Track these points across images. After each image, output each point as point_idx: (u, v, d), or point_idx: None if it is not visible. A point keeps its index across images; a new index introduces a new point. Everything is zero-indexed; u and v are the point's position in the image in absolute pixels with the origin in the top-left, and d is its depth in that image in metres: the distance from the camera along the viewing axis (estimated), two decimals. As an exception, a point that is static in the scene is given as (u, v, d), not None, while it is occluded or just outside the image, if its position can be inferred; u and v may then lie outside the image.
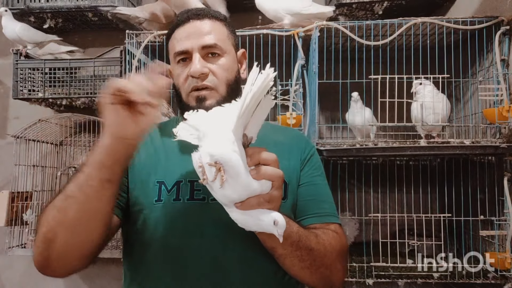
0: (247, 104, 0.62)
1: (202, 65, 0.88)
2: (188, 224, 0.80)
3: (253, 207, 0.64)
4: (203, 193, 0.82)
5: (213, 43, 0.89)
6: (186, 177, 0.83)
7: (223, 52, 0.91)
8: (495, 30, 1.42)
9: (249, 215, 0.65)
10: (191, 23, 0.91)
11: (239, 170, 0.62)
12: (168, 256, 0.80)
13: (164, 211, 0.81)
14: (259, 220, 0.65)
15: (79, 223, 0.68)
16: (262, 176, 0.64)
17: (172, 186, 0.82)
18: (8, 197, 1.75)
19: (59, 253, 0.69)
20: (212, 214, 0.79)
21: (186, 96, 0.91)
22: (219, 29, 0.92)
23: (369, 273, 1.44)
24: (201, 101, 0.88)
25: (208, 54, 0.90)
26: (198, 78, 0.88)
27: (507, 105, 1.34)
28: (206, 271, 0.78)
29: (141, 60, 1.68)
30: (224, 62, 0.90)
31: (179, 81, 0.91)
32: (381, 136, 1.58)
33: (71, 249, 0.70)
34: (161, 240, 0.80)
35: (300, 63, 1.53)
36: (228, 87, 0.90)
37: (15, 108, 2.11)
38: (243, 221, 0.66)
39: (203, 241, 0.79)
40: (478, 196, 1.53)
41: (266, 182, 0.64)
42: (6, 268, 2.06)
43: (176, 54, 0.91)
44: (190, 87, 0.89)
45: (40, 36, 1.82)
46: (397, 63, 1.49)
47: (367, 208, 1.66)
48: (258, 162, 0.64)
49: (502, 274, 1.38)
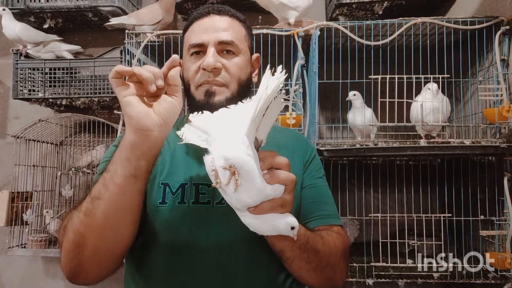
0: (260, 107, 0.61)
1: (216, 59, 0.86)
2: (193, 228, 0.79)
3: (266, 212, 0.63)
4: (208, 196, 0.81)
5: (230, 40, 0.87)
6: (191, 180, 0.82)
7: (238, 51, 0.89)
8: (495, 30, 1.42)
9: (262, 220, 0.64)
10: (210, 17, 0.89)
11: (254, 174, 0.61)
12: (171, 260, 0.79)
13: (168, 213, 0.80)
14: (274, 224, 0.64)
15: (108, 223, 0.66)
16: (276, 180, 0.63)
17: (177, 189, 0.81)
18: (8, 197, 1.75)
19: (90, 257, 0.68)
20: (218, 217, 0.79)
21: (194, 89, 0.89)
22: (237, 28, 0.91)
23: (369, 273, 1.44)
24: (210, 95, 0.86)
25: (223, 50, 0.88)
26: (210, 72, 0.86)
27: (507, 105, 1.34)
28: (210, 274, 0.77)
29: (141, 60, 1.68)
30: (238, 61, 0.89)
31: (189, 73, 0.89)
32: (381, 136, 1.59)
33: (103, 251, 0.68)
34: (165, 243, 0.79)
35: (300, 63, 1.53)
36: (240, 86, 0.89)
37: (15, 108, 2.11)
38: (256, 225, 0.65)
39: (208, 245, 0.78)
40: (478, 196, 1.53)
41: (279, 186, 0.63)
42: (6, 268, 2.06)
43: (191, 46, 0.89)
44: (200, 80, 0.87)
45: (40, 36, 1.82)
46: (397, 63, 1.49)
47: (367, 208, 1.66)
48: (271, 166, 0.64)
49: (502, 274, 1.38)
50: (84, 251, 0.67)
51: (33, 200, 1.86)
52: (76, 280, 0.71)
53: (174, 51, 1.60)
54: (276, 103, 0.66)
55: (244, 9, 1.82)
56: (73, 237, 0.67)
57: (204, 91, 0.87)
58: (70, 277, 0.70)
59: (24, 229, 1.82)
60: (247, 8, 1.80)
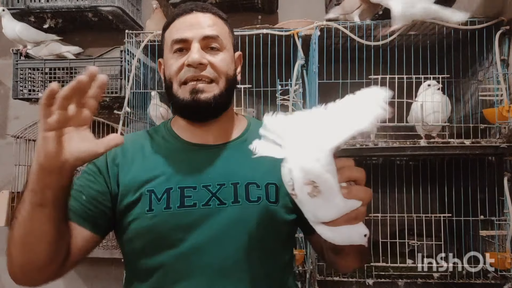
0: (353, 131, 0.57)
1: (201, 55, 0.83)
2: (179, 232, 0.78)
3: (341, 224, 0.62)
4: (194, 199, 0.80)
5: (215, 34, 0.85)
6: (176, 183, 0.81)
7: (223, 47, 0.86)
8: (495, 30, 1.42)
9: (337, 232, 0.63)
10: (193, 14, 0.87)
11: (333, 192, 0.59)
12: (161, 265, 0.79)
13: (155, 220, 0.79)
14: (349, 235, 0.63)
15: (23, 241, 0.69)
16: (354, 197, 0.60)
17: (162, 194, 0.80)
18: (8, 197, 1.75)
19: (18, 267, 0.71)
20: (205, 219, 0.79)
21: (178, 87, 0.84)
22: (221, 25, 0.89)
23: (369, 273, 1.44)
24: (196, 93, 0.82)
25: (207, 46, 0.85)
26: (196, 68, 0.82)
27: (507, 105, 1.34)
28: (201, 276, 0.77)
29: (141, 60, 1.69)
30: (223, 57, 0.86)
31: (171, 71, 0.85)
32: (381, 136, 1.58)
33: (26, 266, 0.71)
34: (154, 250, 0.79)
35: (300, 63, 1.52)
36: (227, 81, 0.86)
37: (15, 108, 2.11)
38: (330, 237, 0.63)
39: (197, 248, 0.78)
40: (478, 196, 1.53)
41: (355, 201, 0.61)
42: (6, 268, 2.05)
43: (173, 42, 0.85)
44: (184, 77, 0.83)
45: (40, 36, 1.81)
46: (397, 63, 1.49)
47: (367, 208, 1.65)
48: (349, 179, 0.61)
49: (502, 274, 1.38)
50: (13, 262, 0.71)
51: (33, 200, 1.86)
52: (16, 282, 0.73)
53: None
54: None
55: (244, 9, 1.83)
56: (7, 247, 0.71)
57: (190, 89, 0.83)
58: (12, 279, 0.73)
59: (24, 229, 1.81)
60: (247, 8, 1.80)
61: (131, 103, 1.63)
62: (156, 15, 1.77)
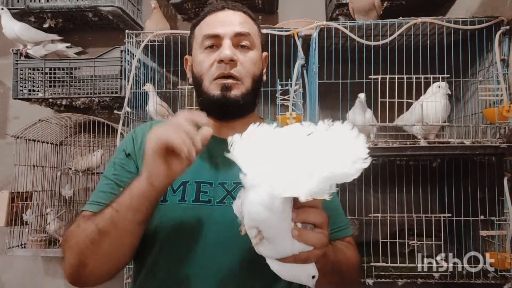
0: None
1: (233, 52, 0.84)
2: (191, 227, 0.79)
3: (289, 262, 0.60)
4: (209, 195, 0.81)
5: (246, 32, 0.86)
6: (192, 177, 0.82)
7: (253, 45, 0.88)
8: (495, 30, 1.42)
9: (284, 268, 0.61)
10: (225, 11, 0.88)
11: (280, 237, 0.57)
12: (170, 258, 0.79)
13: (168, 212, 0.80)
14: (295, 274, 0.62)
15: (111, 255, 0.72)
16: (304, 241, 0.57)
17: (178, 187, 0.81)
18: (8, 197, 1.75)
19: (91, 272, 0.73)
20: (217, 217, 0.79)
21: (209, 83, 0.85)
22: (251, 23, 0.91)
23: (369, 273, 1.44)
24: (226, 90, 0.84)
25: (238, 44, 0.86)
26: (227, 64, 0.83)
27: (507, 105, 1.34)
28: (208, 274, 0.77)
29: (141, 60, 1.69)
30: (252, 56, 0.87)
31: (202, 67, 0.86)
32: (381, 136, 1.58)
33: (103, 272, 0.74)
34: (164, 242, 0.79)
35: (300, 63, 1.52)
36: (253, 82, 0.87)
37: (15, 108, 2.11)
38: (277, 270, 0.62)
39: (207, 244, 0.78)
40: (478, 196, 1.53)
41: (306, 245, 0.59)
42: (6, 268, 2.06)
43: (205, 37, 0.86)
44: (215, 74, 0.84)
45: (40, 35, 1.82)
46: (397, 63, 1.49)
47: (367, 208, 1.65)
48: (304, 222, 0.58)
49: (502, 274, 1.38)
50: (86, 268, 0.72)
51: (33, 200, 1.86)
52: (75, 284, 0.76)
53: (174, 51, 1.60)
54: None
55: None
56: (79, 255, 0.72)
57: (220, 85, 0.84)
58: (70, 282, 0.76)
59: (24, 229, 1.82)
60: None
61: (131, 103, 1.63)
62: (155, 15, 1.77)
